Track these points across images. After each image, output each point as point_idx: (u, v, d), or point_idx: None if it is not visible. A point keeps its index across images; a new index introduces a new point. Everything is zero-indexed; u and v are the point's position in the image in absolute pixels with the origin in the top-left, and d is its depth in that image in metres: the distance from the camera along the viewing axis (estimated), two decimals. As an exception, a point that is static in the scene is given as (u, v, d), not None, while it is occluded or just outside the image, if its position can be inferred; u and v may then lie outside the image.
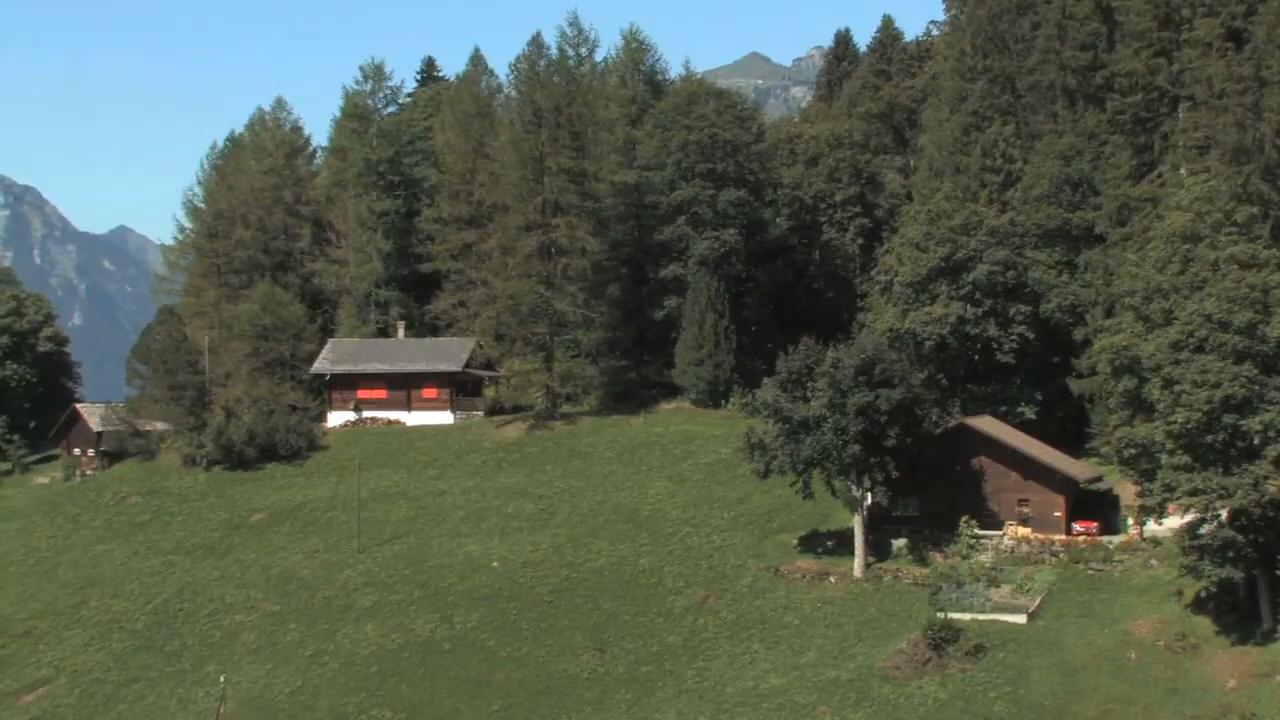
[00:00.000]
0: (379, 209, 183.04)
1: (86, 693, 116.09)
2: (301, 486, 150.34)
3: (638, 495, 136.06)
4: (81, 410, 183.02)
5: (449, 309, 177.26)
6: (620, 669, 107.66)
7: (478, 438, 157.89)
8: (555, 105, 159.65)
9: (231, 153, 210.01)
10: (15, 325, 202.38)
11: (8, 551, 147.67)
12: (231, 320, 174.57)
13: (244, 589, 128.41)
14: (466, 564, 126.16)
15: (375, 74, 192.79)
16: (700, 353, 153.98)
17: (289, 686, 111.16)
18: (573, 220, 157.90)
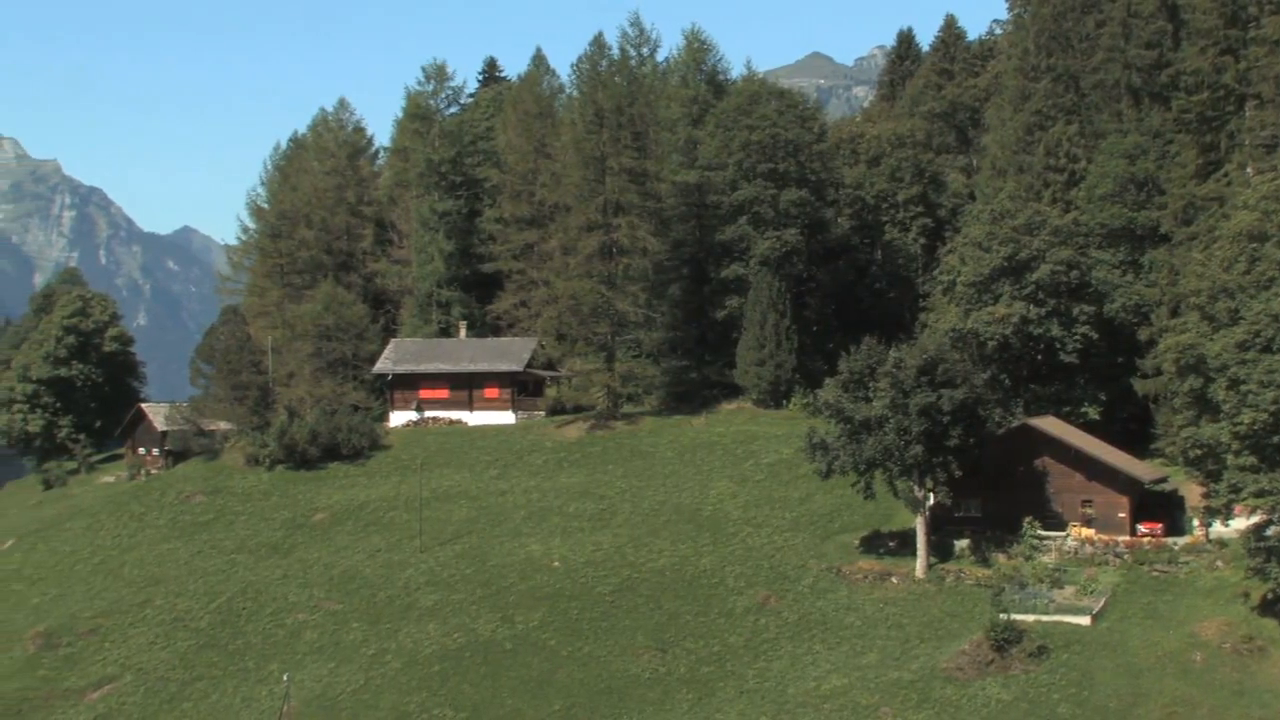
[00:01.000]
0: (441, 209, 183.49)
1: (151, 690, 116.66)
2: (364, 486, 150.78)
3: (699, 495, 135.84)
4: (146, 410, 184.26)
5: (510, 309, 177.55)
6: (682, 669, 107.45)
7: (539, 437, 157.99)
8: (617, 105, 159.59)
9: (295, 153, 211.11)
10: (81, 325, 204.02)
11: (74, 550, 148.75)
12: (294, 320, 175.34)
13: (307, 588, 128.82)
14: (528, 564, 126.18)
15: (437, 75, 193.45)
16: (762, 353, 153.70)
17: (351, 685, 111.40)
18: (634, 220, 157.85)
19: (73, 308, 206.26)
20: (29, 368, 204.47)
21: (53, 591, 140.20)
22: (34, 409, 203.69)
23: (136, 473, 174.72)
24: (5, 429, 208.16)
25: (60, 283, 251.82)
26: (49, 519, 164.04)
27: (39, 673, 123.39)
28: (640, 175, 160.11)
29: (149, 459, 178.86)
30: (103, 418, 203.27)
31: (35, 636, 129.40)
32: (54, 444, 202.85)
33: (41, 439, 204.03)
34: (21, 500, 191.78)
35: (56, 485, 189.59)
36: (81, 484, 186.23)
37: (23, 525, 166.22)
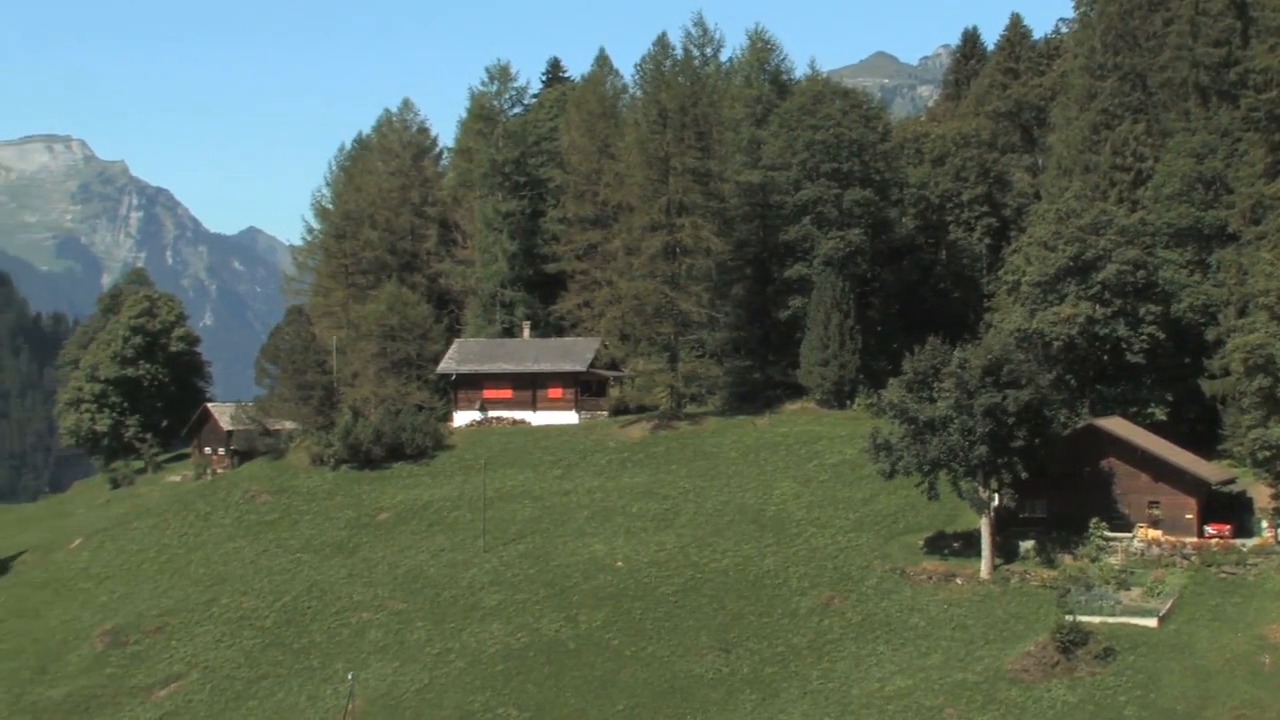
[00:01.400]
0: (504, 209, 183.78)
1: (218, 689, 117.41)
2: (428, 486, 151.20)
3: (762, 495, 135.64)
4: (212, 409, 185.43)
5: (574, 309, 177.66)
6: (745, 669, 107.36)
7: (602, 437, 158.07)
8: (680, 105, 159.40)
9: (359, 154, 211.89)
10: (148, 325, 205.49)
11: (141, 549, 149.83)
12: (359, 320, 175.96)
13: (371, 587, 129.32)
14: (591, 564, 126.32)
15: (501, 75, 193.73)
16: (825, 353, 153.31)
17: (416, 684, 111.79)
18: (697, 220, 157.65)
19: (140, 308, 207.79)
20: (97, 367, 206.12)
21: (120, 590, 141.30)
22: (102, 408, 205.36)
23: (202, 472, 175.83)
24: (73, 429, 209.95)
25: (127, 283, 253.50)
26: (116, 518, 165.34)
27: (107, 670, 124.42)
28: (704, 175, 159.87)
29: (215, 458, 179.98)
30: (169, 417, 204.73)
31: (103, 634, 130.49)
32: (121, 443, 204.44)
33: (109, 438, 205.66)
34: (89, 499, 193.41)
35: (124, 484, 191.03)
36: (148, 483, 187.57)
37: (91, 524, 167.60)
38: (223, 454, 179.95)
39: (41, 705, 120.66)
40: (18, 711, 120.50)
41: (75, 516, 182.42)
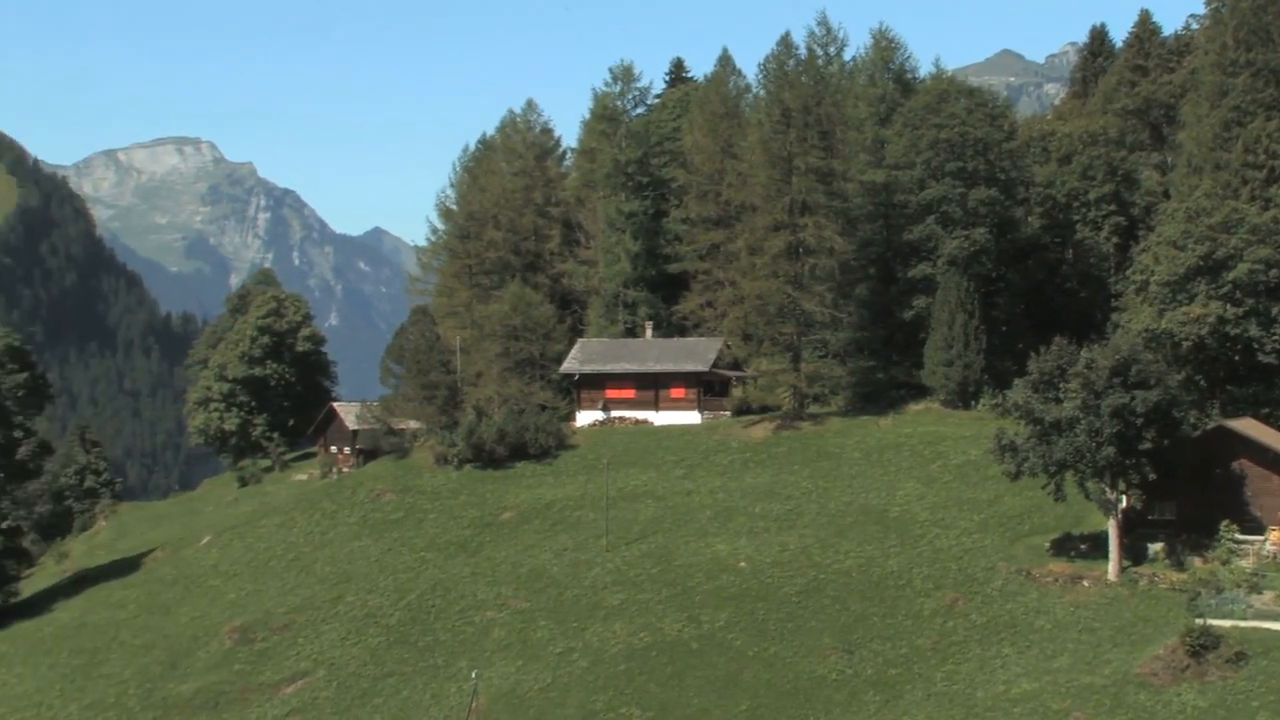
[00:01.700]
0: (627, 210, 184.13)
1: (343, 686, 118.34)
2: (551, 485, 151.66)
3: (886, 496, 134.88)
4: (338, 409, 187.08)
5: (696, 309, 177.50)
6: (869, 671, 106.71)
7: (725, 438, 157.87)
8: (804, 105, 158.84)
9: (483, 155, 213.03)
10: (275, 325, 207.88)
11: (268, 546, 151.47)
12: (483, 320, 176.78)
13: (495, 586, 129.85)
14: (714, 564, 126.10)
15: (624, 76, 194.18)
16: (949, 353, 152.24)
17: (539, 683, 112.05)
18: (821, 220, 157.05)
19: (267, 308, 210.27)
20: (225, 367, 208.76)
21: (248, 587, 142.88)
22: (230, 408, 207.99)
23: (328, 471, 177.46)
24: (202, 427, 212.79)
25: (255, 283, 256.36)
26: (244, 516, 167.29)
27: (235, 667, 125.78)
28: (827, 175, 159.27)
29: (340, 457, 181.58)
30: (295, 416, 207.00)
31: (231, 631, 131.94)
32: (249, 442, 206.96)
33: (237, 437, 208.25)
34: (218, 497, 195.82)
35: (251, 483, 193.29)
36: (275, 481, 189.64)
37: (219, 522, 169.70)
38: (348, 453, 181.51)
39: (172, 700, 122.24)
40: (149, 706, 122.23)
41: (204, 514, 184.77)
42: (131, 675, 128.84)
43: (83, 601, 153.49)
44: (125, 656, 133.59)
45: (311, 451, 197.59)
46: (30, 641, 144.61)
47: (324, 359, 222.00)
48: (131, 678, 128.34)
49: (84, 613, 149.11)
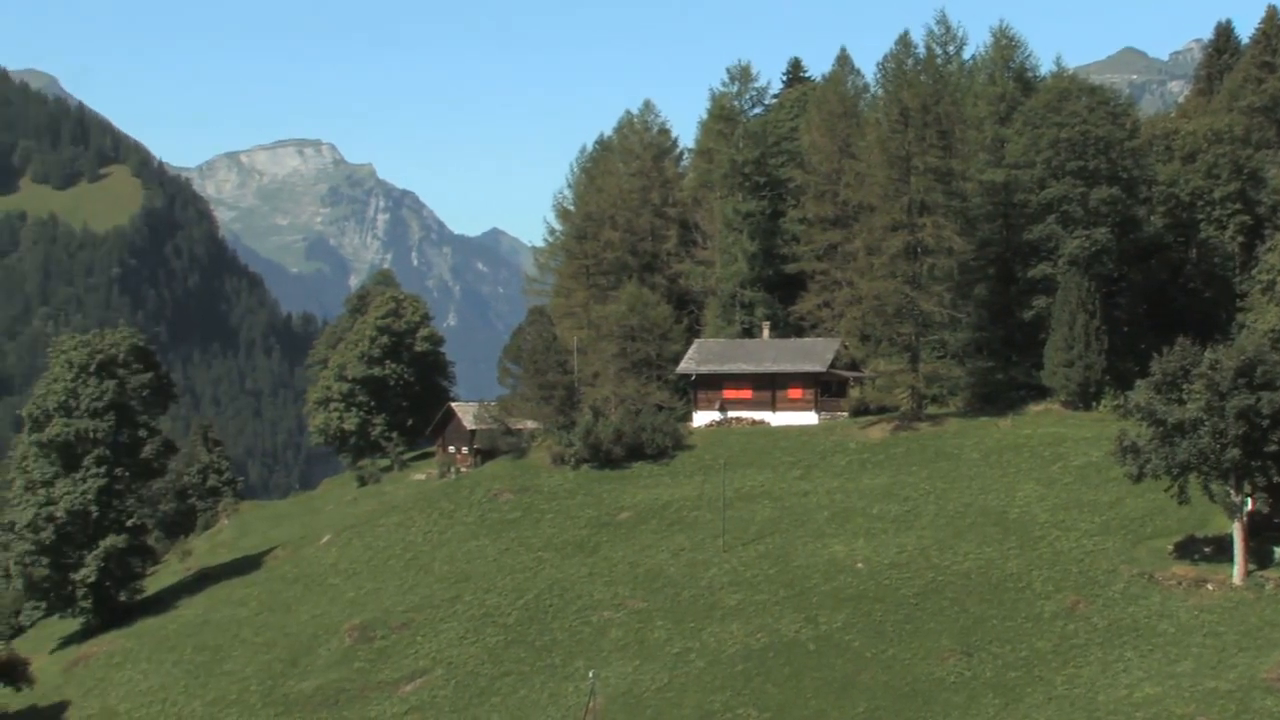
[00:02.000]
0: (744, 210, 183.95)
1: (461, 684, 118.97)
2: (668, 485, 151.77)
3: (1005, 498, 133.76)
4: (456, 409, 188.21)
5: (814, 309, 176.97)
6: (988, 673, 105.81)
7: (842, 438, 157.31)
8: (923, 104, 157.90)
9: (600, 156, 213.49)
10: (394, 326, 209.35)
11: (387, 545, 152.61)
12: (600, 321, 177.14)
13: (611, 586, 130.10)
14: (831, 565, 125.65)
15: (742, 76, 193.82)
16: (1070, 354, 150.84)
17: (656, 683, 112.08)
18: (939, 220, 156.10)
19: (386, 309, 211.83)
20: (345, 367, 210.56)
21: (367, 586, 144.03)
22: (349, 407, 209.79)
23: (446, 471, 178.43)
24: (322, 427, 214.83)
25: (374, 284, 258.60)
26: (363, 515, 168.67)
27: (355, 665, 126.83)
28: (946, 174, 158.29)
29: (459, 457, 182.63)
30: (414, 416, 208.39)
31: (351, 629, 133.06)
32: (368, 442, 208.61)
33: (356, 437, 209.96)
34: (338, 496, 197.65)
35: (370, 482, 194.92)
36: (394, 481, 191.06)
37: (339, 521, 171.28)
38: (466, 453, 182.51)
39: (293, 698, 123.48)
40: (270, 703, 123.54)
41: (324, 513, 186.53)
42: (253, 672, 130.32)
43: (205, 599, 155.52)
44: (247, 654, 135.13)
45: (429, 451, 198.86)
46: (155, 638, 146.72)
47: (442, 359, 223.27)
48: (253, 675, 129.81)
49: (207, 610, 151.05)
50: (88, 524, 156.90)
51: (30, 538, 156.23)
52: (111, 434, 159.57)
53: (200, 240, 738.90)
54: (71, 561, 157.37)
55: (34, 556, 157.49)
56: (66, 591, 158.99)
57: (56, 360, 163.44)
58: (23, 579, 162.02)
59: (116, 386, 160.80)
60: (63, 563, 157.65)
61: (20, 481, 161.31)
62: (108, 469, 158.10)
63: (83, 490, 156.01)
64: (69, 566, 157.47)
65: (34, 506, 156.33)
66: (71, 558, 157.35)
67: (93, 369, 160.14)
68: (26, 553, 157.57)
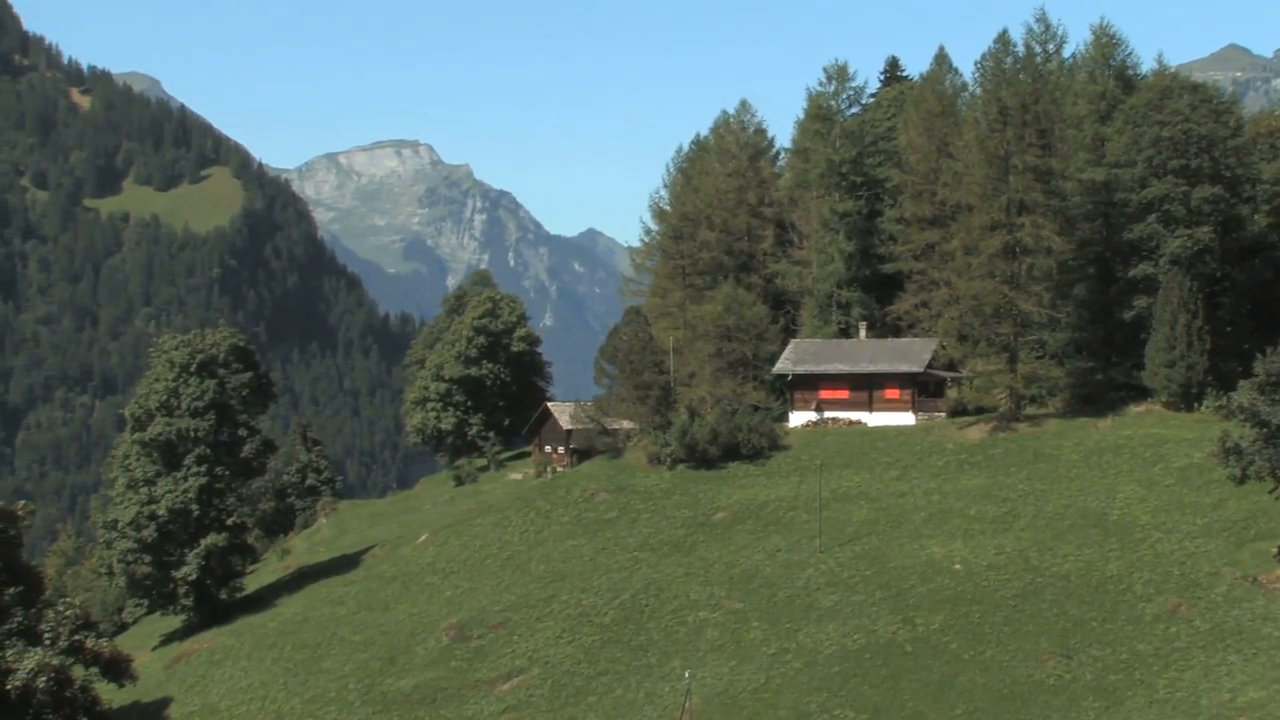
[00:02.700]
0: (841, 209, 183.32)
1: (558, 684, 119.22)
2: (764, 486, 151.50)
3: (1105, 499, 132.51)
4: (552, 409, 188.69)
5: (911, 309, 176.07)
6: (1088, 676, 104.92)
7: (939, 439, 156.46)
8: (1021, 103, 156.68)
9: (697, 156, 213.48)
10: (491, 326, 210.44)
11: (484, 545, 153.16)
12: (696, 321, 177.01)
13: (707, 586, 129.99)
14: (928, 566, 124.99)
15: (839, 75, 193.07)
16: (1172, 354, 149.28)
17: (752, 684, 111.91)
18: (1038, 219, 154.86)
19: (483, 309, 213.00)
20: (442, 367, 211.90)
21: (464, 585, 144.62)
22: (446, 407, 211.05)
23: (543, 470, 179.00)
24: (419, 427, 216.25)
25: (471, 284, 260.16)
26: (460, 514, 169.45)
27: (452, 664, 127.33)
28: (1045, 173, 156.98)
29: (555, 457, 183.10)
30: (511, 416, 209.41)
31: (449, 628, 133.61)
32: (465, 441, 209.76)
33: (453, 436, 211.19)
34: (435, 495, 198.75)
35: (467, 482, 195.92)
36: (490, 480, 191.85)
37: (436, 520, 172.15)
38: (562, 453, 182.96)
39: (390, 696, 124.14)
40: (368, 701, 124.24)
41: (422, 512, 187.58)
42: (351, 670, 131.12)
43: (304, 597, 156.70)
44: (345, 652, 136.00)
45: (526, 451, 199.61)
46: (255, 636, 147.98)
47: (539, 359, 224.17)
48: (351, 673, 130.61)
49: (306, 608, 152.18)
50: (189, 522, 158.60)
51: (133, 536, 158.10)
52: (212, 433, 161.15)
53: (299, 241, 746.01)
54: (173, 559, 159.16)
55: (136, 554, 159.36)
56: (168, 589, 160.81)
57: (158, 360, 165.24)
58: (125, 576, 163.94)
59: (217, 386, 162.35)
60: (164, 561, 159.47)
61: (123, 480, 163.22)
62: (208, 468, 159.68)
63: (184, 489, 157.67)
64: (171, 564, 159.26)
65: (136, 505, 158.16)
66: (173, 556, 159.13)
67: (194, 369, 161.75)
68: (129, 550, 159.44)
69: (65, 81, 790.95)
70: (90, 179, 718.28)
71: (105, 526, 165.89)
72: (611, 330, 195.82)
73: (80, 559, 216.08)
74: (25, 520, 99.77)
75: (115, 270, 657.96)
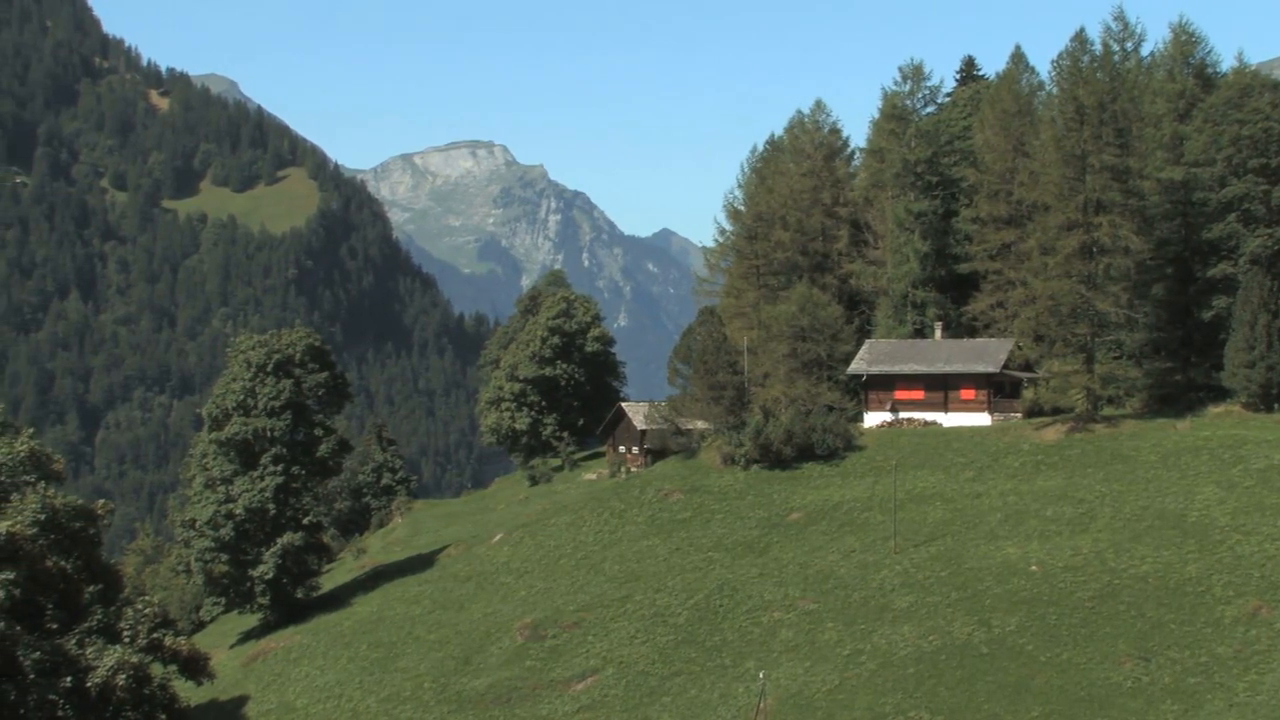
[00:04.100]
0: (916, 209, 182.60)
1: (632, 684, 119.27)
2: (838, 486, 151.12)
3: (1183, 501, 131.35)
4: (626, 409, 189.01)
5: (986, 309, 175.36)
6: (1166, 679, 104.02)
7: (1015, 440, 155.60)
8: (1099, 102, 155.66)
9: (771, 156, 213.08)
10: (565, 326, 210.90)
11: (558, 545, 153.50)
12: (770, 321, 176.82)
13: (782, 587, 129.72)
14: (1004, 567, 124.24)
15: (914, 75, 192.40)
16: (1252, 354, 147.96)
17: (826, 685, 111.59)
18: (1116, 219, 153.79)
19: (557, 309, 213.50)
20: (516, 367, 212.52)
21: (539, 585, 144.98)
22: (520, 407, 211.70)
23: (617, 470, 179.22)
24: (494, 427, 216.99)
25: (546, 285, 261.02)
26: (535, 514, 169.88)
27: (526, 663, 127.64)
28: (1122, 173, 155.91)
29: (629, 457, 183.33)
30: (585, 416, 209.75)
31: (523, 628, 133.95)
32: (539, 441, 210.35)
33: (528, 436, 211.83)
34: (509, 495, 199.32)
35: (541, 481, 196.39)
36: (564, 480, 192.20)
37: (511, 520, 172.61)
38: (636, 453, 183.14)
39: (465, 695, 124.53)
40: (444, 700, 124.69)
41: (496, 512, 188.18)
42: (426, 669, 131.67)
43: (380, 596, 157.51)
44: (420, 651, 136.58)
45: (600, 451, 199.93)
46: (331, 634, 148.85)
47: (613, 359, 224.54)
48: (426, 672, 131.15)
49: (381, 607, 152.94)
50: (265, 521, 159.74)
51: (210, 534, 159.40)
52: (288, 433, 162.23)
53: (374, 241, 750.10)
54: (250, 558, 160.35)
55: (214, 553, 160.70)
56: (245, 588, 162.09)
57: (235, 360, 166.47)
58: (203, 575, 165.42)
59: (293, 386, 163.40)
60: (241, 559, 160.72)
61: (200, 479, 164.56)
62: (285, 467, 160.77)
63: (260, 488, 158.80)
64: (248, 563, 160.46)
65: (213, 504, 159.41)
66: (250, 554, 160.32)
67: (270, 369, 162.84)
68: (206, 549, 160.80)
69: (144, 84, 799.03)
70: (168, 180, 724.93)
71: (183, 525, 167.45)
72: (685, 330, 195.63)
73: (158, 558, 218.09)
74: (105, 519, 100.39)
75: (193, 271, 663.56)
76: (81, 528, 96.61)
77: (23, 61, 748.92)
